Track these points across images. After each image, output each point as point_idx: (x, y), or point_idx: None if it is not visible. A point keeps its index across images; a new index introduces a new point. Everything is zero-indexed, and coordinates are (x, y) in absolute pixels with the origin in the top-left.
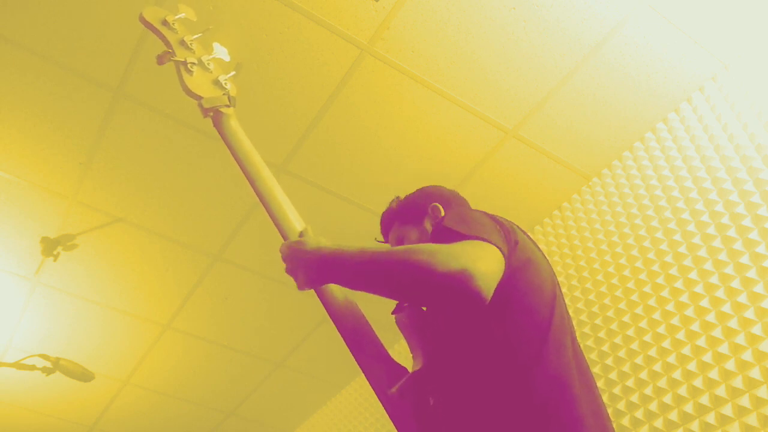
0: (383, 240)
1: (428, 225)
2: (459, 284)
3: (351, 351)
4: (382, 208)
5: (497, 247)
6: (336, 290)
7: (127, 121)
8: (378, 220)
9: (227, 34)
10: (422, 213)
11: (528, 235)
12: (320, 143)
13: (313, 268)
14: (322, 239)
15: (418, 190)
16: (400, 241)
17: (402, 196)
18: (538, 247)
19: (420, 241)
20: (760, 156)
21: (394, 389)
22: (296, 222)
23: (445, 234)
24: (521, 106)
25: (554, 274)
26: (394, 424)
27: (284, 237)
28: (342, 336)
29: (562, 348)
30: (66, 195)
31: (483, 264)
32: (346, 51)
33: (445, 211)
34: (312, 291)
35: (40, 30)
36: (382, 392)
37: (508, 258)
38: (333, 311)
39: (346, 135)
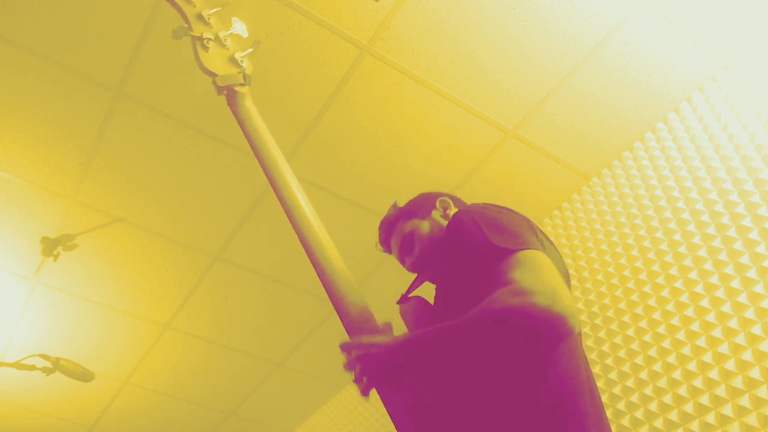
0: (383, 249)
1: (438, 217)
2: (555, 330)
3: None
4: (382, 208)
5: (544, 254)
6: (342, 271)
7: (127, 121)
8: (378, 220)
9: None
10: (429, 206)
11: (542, 232)
12: (320, 143)
13: (387, 359)
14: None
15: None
16: (407, 237)
17: (398, 203)
18: (551, 242)
19: (433, 230)
20: (760, 156)
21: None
22: (311, 216)
23: (498, 254)
24: (521, 106)
25: (567, 272)
26: (387, 412)
27: (287, 213)
28: (342, 321)
29: (573, 357)
30: (66, 195)
31: (562, 297)
32: (346, 51)
33: (456, 206)
34: (312, 289)
35: (40, 30)
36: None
37: None
38: (337, 300)
39: (346, 135)
